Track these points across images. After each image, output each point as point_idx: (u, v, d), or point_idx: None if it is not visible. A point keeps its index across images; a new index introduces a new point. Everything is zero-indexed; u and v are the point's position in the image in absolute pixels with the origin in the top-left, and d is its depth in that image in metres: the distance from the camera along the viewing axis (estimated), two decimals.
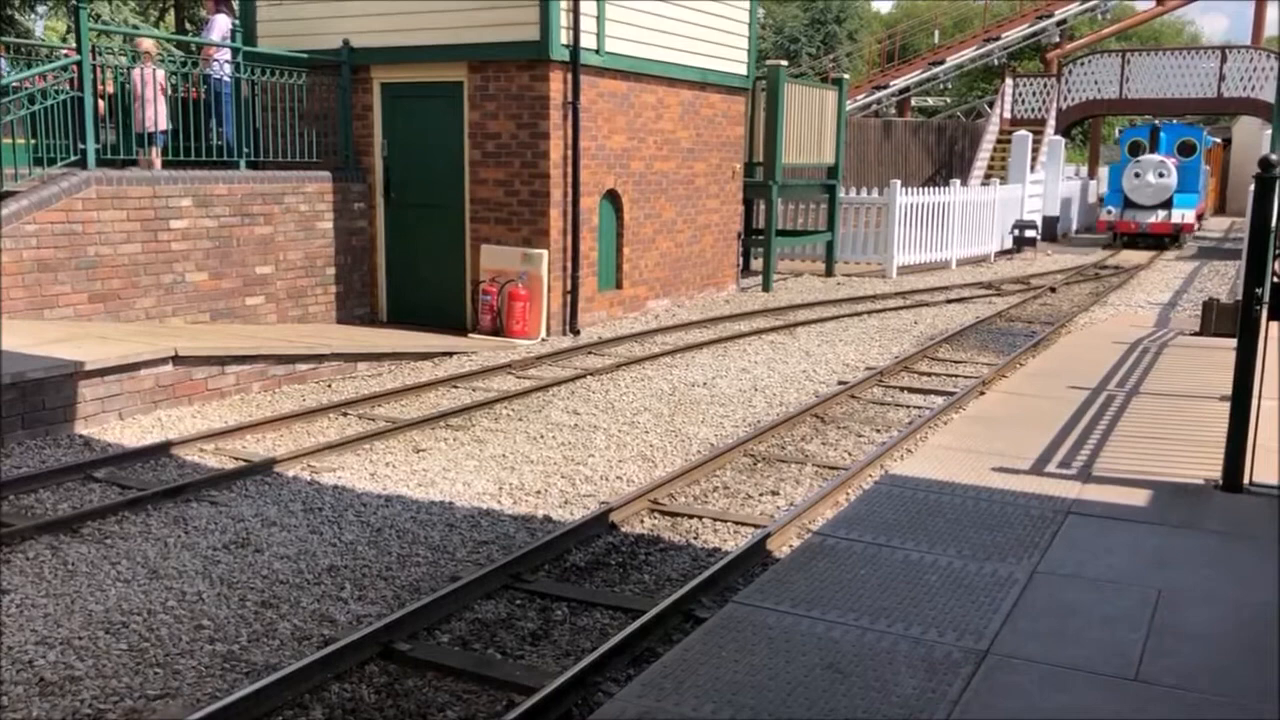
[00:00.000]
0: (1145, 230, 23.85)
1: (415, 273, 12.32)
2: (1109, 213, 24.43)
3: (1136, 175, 24.09)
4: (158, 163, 10.36)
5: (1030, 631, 3.98)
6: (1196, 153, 25.35)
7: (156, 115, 10.40)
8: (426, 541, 5.81)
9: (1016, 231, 22.56)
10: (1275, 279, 5.41)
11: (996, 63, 33.40)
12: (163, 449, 7.31)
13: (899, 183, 19.14)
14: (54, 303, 9.15)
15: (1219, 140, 33.75)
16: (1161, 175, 23.87)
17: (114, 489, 6.59)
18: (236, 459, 7.22)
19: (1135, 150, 24.91)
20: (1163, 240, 23.90)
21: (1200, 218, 27.93)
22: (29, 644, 4.52)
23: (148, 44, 10.61)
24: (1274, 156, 5.41)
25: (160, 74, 10.44)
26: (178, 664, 4.40)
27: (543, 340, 11.64)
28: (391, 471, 7.01)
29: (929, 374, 10.27)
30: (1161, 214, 23.91)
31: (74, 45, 9.75)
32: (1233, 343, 5.65)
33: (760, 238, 17.08)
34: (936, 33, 40.44)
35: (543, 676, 4.22)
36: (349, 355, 10.01)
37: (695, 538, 5.93)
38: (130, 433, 7.84)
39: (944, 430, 7.50)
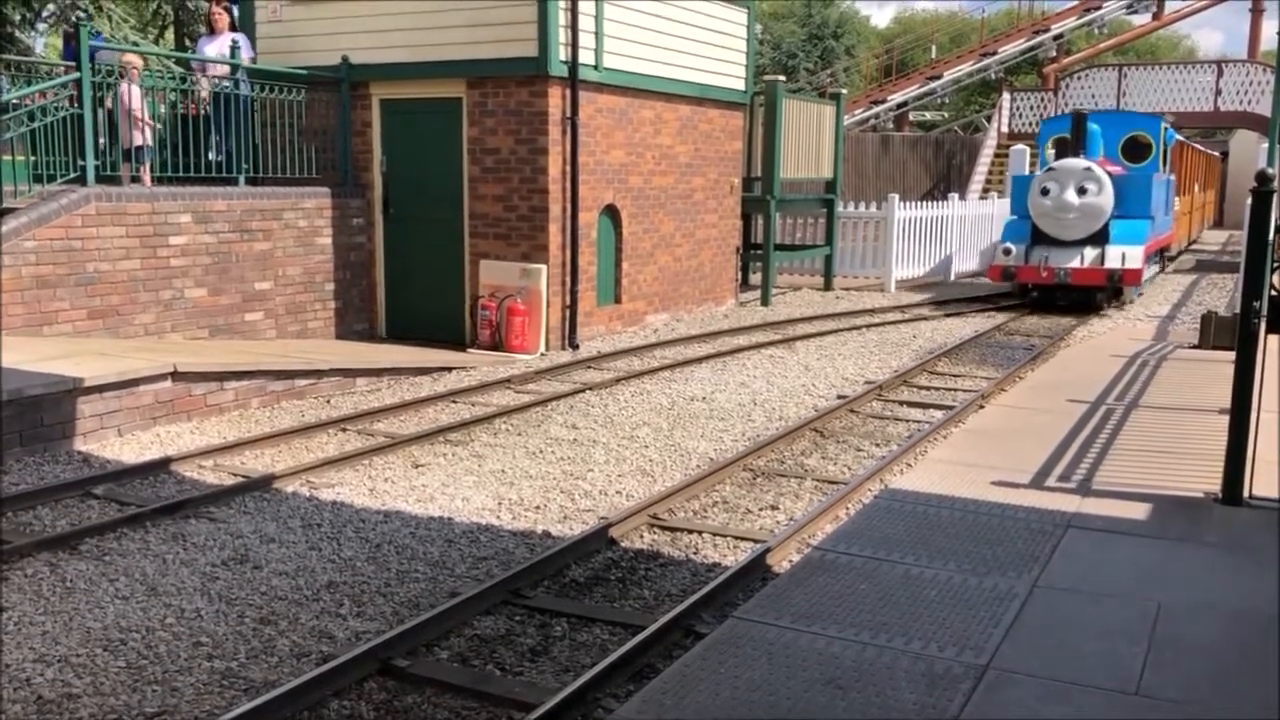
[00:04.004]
0: (1063, 280, 14.95)
1: (414, 288, 12.34)
2: (1006, 253, 15.40)
3: (1046, 191, 15.09)
4: (147, 178, 10.36)
5: (1031, 646, 3.97)
6: (1152, 155, 17.20)
7: (144, 131, 10.39)
8: (425, 557, 5.80)
9: None
10: (1273, 292, 5.42)
11: (993, 77, 33.52)
12: (162, 465, 7.30)
13: (897, 197, 19.18)
14: (53, 319, 9.15)
15: (1188, 142, 24.42)
16: (1086, 191, 14.92)
17: (113, 506, 6.58)
18: (235, 475, 7.22)
19: (1061, 152, 16.38)
20: (1092, 297, 15.13)
21: (1164, 255, 19.53)
22: (27, 661, 4.51)
23: (132, 59, 10.61)
24: (1270, 170, 5.42)
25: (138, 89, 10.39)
26: (176, 681, 4.38)
27: (542, 355, 11.64)
28: (390, 487, 7.00)
29: (928, 388, 10.27)
30: (1090, 254, 14.97)
31: (74, 62, 9.79)
32: (1231, 356, 5.65)
33: (759, 252, 17.11)
34: (934, 48, 40.60)
35: (542, 693, 4.21)
36: (348, 371, 10.01)
37: (695, 553, 5.92)
38: (129, 449, 7.84)
39: (943, 444, 7.50)
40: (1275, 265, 5.42)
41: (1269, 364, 5.70)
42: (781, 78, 17.09)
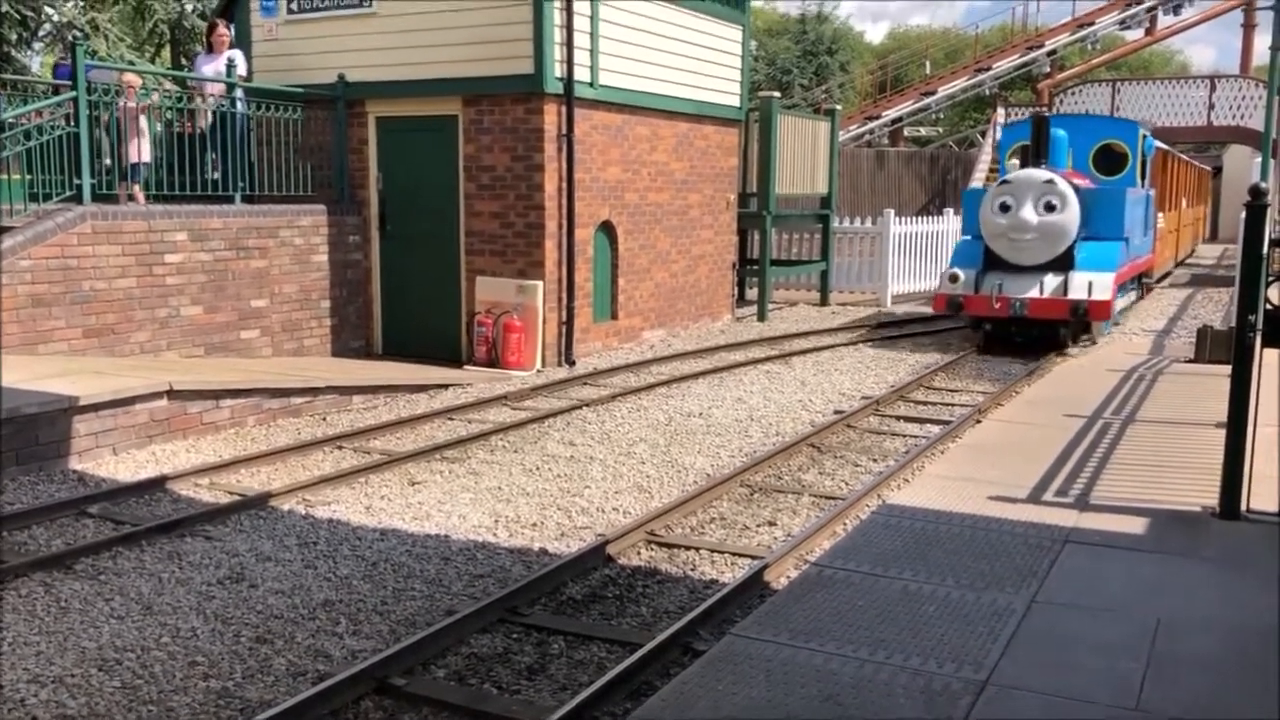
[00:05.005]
0: (1019, 313, 12.64)
1: (410, 305, 12.34)
2: (952, 279, 13.08)
3: (1003, 208, 12.83)
4: (140, 196, 10.37)
5: (1029, 661, 3.95)
6: (1128, 167, 14.95)
7: (140, 149, 10.40)
8: (422, 575, 5.78)
9: None
10: (1268, 306, 5.43)
11: (988, 93, 33.62)
12: (157, 484, 7.28)
13: (892, 212, 19.24)
14: (48, 337, 9.14)
15: (1174, 153, 21.41)
16: (1051, 208, 12.66)
17: (108, 524, 6.56)
18: (231, 493, 7.20)
19: (1024, 163, 13.63)
20: (1055, 332, 12.73)
21: (1143, 281, 17.15)
22: (21, 682, 4.48)
23: (130, 78, 10.64)
24: (1264, 185, 5.45)
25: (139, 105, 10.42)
26: (171, 701, 4.36)
27: (538, 371, 11.63)
28: (387, 505, 6.98)
29: (925, 403, 10.27)
30: (1051, 282, 12.66)
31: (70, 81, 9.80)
32: (1228, 369, 5.66)
33: (755, 267, 17.14)
34: (928, 63, 40.76)
35: (539, 711, 4.19)
36: (344, 388, 10.00)
37: (692, 569, 5.90)
38: (124, 467, 7.81)
39: (941, 459, 7.49)
40: (1270, 279, 5.43)
41: (1269, 378, 5.70)
42: (776, 94, 17.15)
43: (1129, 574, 4.85)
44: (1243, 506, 5.55)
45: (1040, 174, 12.88)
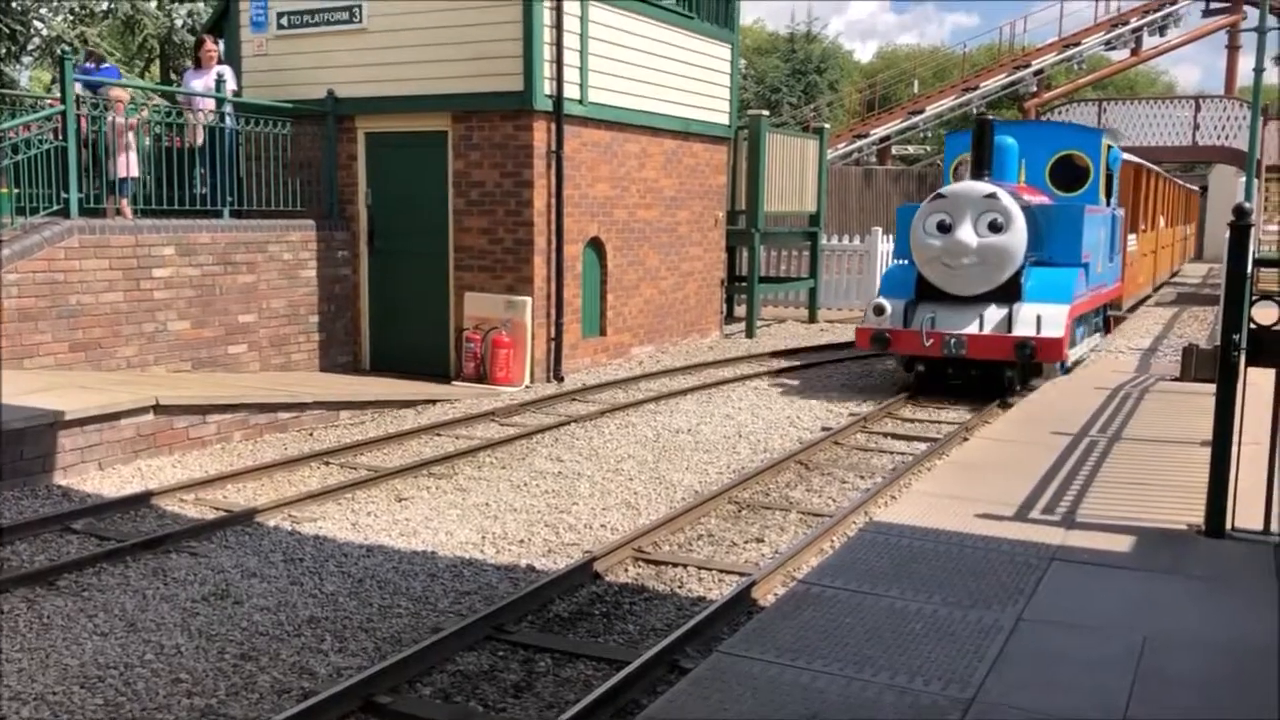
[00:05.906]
0: (955, 352, 10.66)
1: (399, 320, 12.32)
2: (878, 311, 11.12)
3: (942, 228, 10.76)
4: (128, 211, 10.34)
5: (1016, 679, 3.95)
6: (1090, 181, 12.95)
7: (128, 163, 10.38)
8: (408, 592, 5.75)
9: None
10: (1252, 325, 5.46)
11: (975, 112, 33.84)
12: (142, 499, 7.24)
13: (880, 230, 19.32)
14: (34, 351, 9.10)
15: (1152, 168, 19.59)
16: (996, 228, 10.62)
17: (92, 540, 6.52)
18: (217, 509, 7.16)
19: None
20: (1000, 374, 10.90)
21: (1108, 313, 14.99)
22: (2, 700, 4.44)
23: (118, 92, 10.63)
24: (1247, 205, 5.49)
25: (129, 120, 10.41)
26: (155, 719, 4.32)
27: (527, 387, 11.62)
28: (373, 521, 6.96)
29: (912, 420, 10.29)
30: (993, 316, 10.73)
31: (58, 95, 9.79)
32: (1213, 388, 5.68)
33: (743, 284, 17.17)
34: (916, 83, 41.00)
35: None
36: (331, 403, 9.97)
37: (680, 586, 5.89)
38: (110, 483, 7.77)
39: (928, 477, 7.50)
40: (1254, 298, 5.47)
41: (1257, 396, 5.73)
42: (765, 112, 17.25)
43: (1115, 592, 4.85)
44: (1228, 525, 5.57)
45: (981, 187, 10.79)
